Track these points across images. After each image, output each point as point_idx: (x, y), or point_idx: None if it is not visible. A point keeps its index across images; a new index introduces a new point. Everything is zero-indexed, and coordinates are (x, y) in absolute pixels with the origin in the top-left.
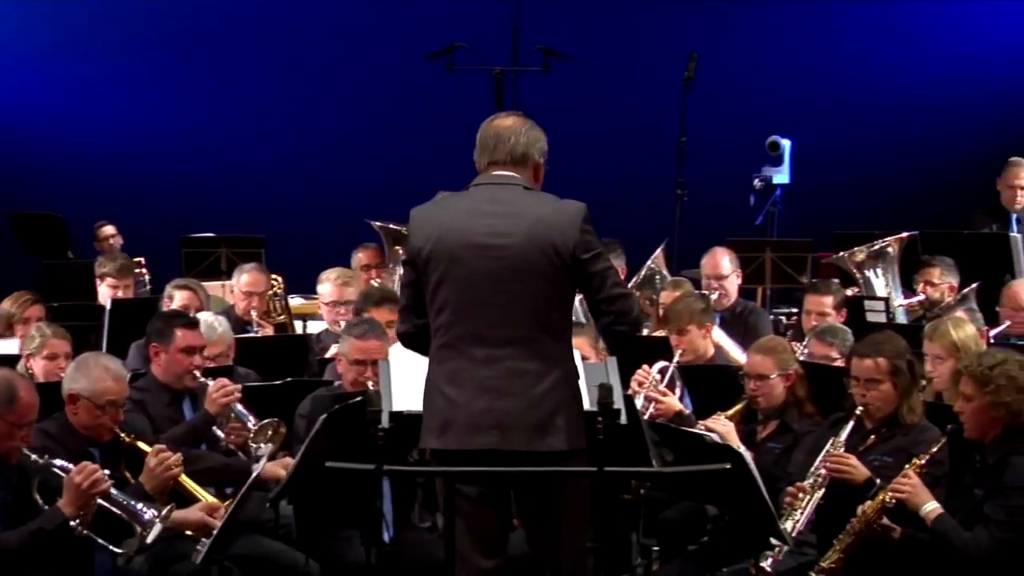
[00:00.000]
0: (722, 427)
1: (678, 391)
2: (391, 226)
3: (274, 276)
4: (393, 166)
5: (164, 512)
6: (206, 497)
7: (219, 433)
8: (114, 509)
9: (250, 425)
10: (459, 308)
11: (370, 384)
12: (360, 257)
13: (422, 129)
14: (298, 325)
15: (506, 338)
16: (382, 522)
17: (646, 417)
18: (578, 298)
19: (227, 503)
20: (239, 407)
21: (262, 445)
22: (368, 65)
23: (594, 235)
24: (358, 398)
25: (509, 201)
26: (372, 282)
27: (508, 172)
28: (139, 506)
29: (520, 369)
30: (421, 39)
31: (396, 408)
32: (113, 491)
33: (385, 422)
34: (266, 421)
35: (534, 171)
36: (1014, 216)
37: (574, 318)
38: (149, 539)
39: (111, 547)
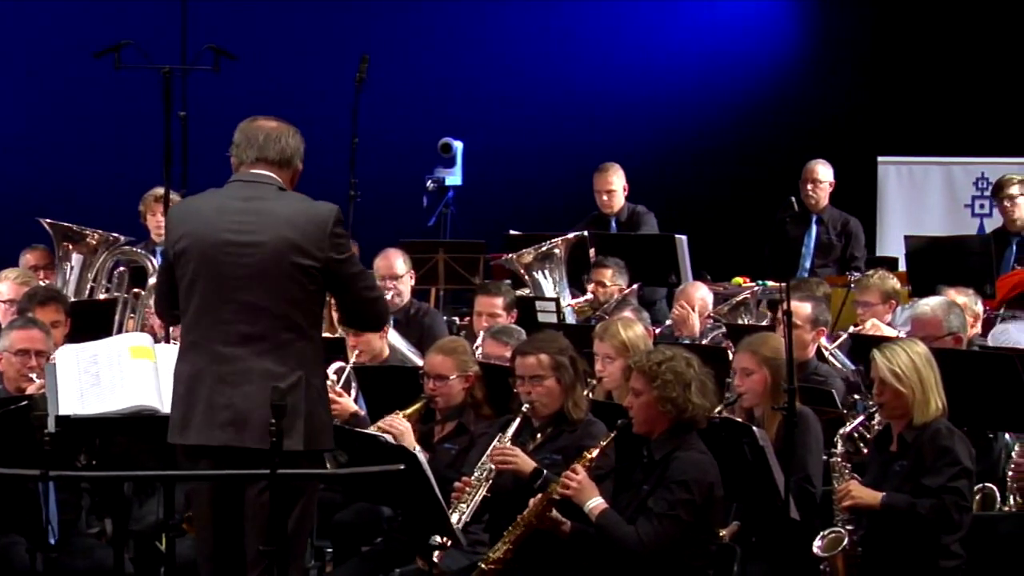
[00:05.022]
0: (399, 427)
1: (353, 392)
2: (63, 224)
3: None
4: (62, 164)
5: None
6: None
7: None
8: None
9: None
10: (205, 306)
11: (34, 376)
12: (28, 258)
13: (90, 126)
14: None
15: (249, 337)
16: (48, 528)
17: None
18: None
19: None
20: None
21: None
22: (33, 60)
23: (346, 237)
24: (23, 402)
25: (262, 199)
26: (41, 283)
27: (267, 172)
28: None
29: (261, 368)
30: (88, 35)
31: (63, 412)
32: None
33: (51, 426)
34: None
35: (292, 175)
36: (814, 216)
37: None
38: None
39: None
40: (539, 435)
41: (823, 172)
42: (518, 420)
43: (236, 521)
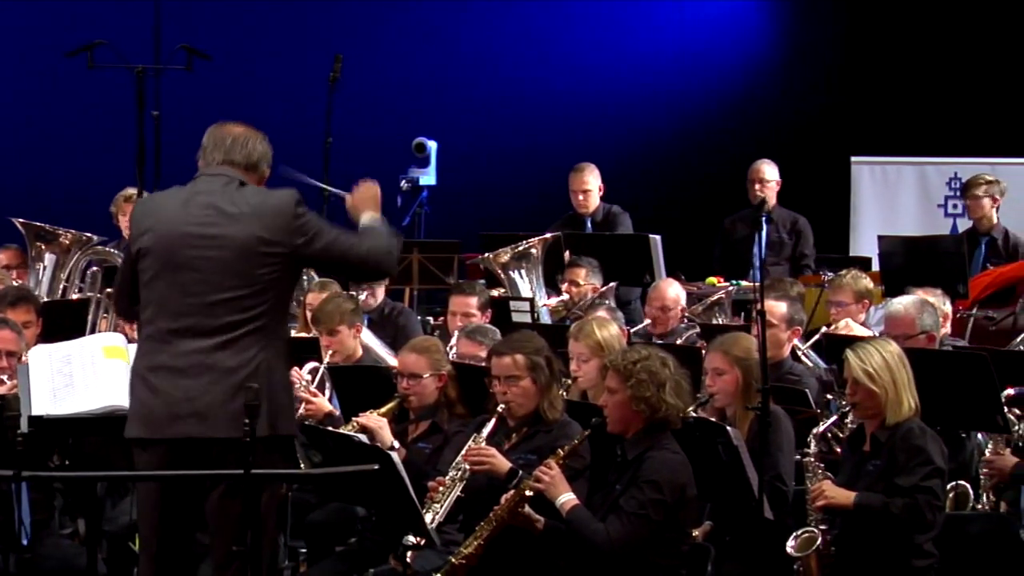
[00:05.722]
0: (375, 422)
1: (328, 392)
2: (35, 224)
3: None
4: (34, 163)
5: None
6: None
7: None
8: None
9: None
10: (166, 299)
11: (5, 377)
12: (1, 258)
13: (63, 126)
14: None
15: (211, 330)
16: (20, 529)
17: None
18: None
19: None
20: None
21: None
22: (4, 60)
23: (306, 215)
24: None
25: (223, 193)
26: (13, 283)
27: (234, 172)
28: None
29: (221, 360)
30: (60, 35)
31: (36, 412)
32: None
33: (24, 427)
34: None
35: (259, 180)
36: (763, 216)
37: None
38: None
39: None
40: (514, 435)
41: (769, 172)
42: (493, 420)
43: (184, 521)
